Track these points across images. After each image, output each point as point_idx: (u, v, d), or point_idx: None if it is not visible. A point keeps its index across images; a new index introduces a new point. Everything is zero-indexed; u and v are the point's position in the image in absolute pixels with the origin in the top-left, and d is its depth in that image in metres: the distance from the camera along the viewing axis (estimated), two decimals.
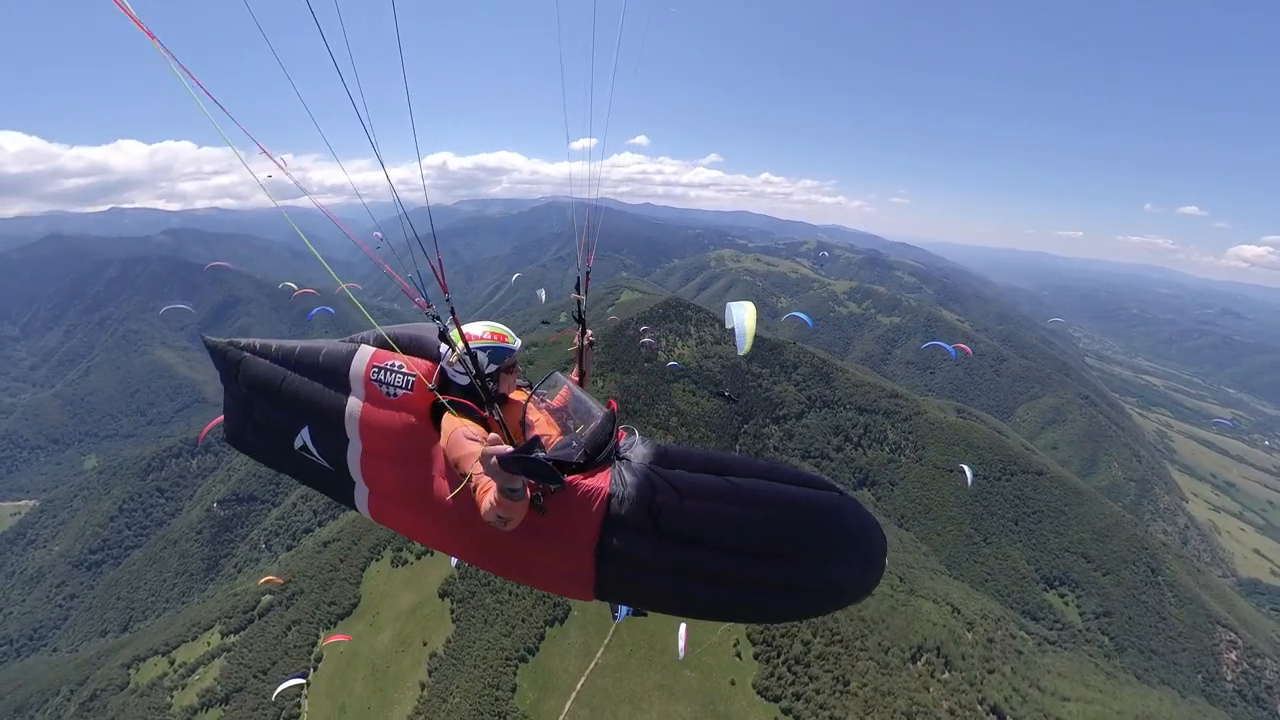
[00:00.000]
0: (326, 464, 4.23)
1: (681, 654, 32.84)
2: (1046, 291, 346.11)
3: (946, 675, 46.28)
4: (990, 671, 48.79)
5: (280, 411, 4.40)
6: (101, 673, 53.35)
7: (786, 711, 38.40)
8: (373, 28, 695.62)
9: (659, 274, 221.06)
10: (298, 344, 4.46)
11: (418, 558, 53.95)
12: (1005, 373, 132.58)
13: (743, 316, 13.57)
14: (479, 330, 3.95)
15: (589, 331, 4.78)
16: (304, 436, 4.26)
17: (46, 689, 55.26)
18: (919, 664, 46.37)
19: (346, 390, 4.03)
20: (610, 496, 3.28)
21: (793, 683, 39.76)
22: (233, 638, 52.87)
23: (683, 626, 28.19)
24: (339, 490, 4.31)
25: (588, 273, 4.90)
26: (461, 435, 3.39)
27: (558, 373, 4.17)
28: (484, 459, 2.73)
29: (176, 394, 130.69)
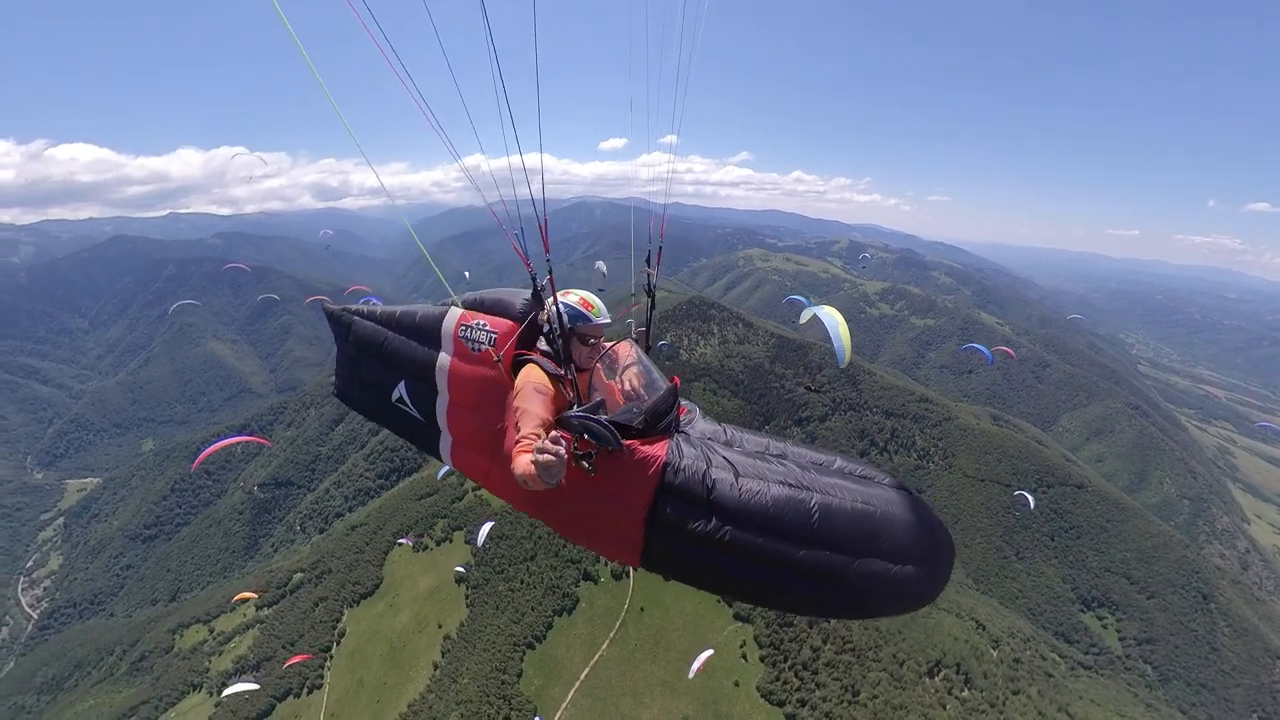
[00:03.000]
0: (418, 415, 4.61)
1: (691, 674, 31.98)
2: (1098, 295, 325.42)
3: (966, 693, 44.39)
4: (1015, 693, 46.47)
5: (381, 367, 4.83)
6: (150, 636, 57.62)
7: (790, 717, 37.78)
8: (403, 29, 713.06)
9: (686, 273, 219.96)
10: (399, 308, 4.90)
11: (437, 544, 55.81)
12: (1048, 379, 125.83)
13: (836, 328, 13.34)
14: (573, 298, 4.28)
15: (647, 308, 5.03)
16: (400, 390, 4.67)
17: (103, 649, 60.12)
18: (936, 679, 44.67)
19: (438, 347, 4.40)
20: (666, 465, 3.32)
21: (799, 688, 39.05)
22: (266, 611, 56.11)
23: (706, 653, 27.01)
24: (427, 440, 4.69)
25: (660, 249, 5.13)
26: (531, 388, 3.62)
27: (628, 341, 4.33)
28: (538, 451, 2.91)
29: (225, 384, 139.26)
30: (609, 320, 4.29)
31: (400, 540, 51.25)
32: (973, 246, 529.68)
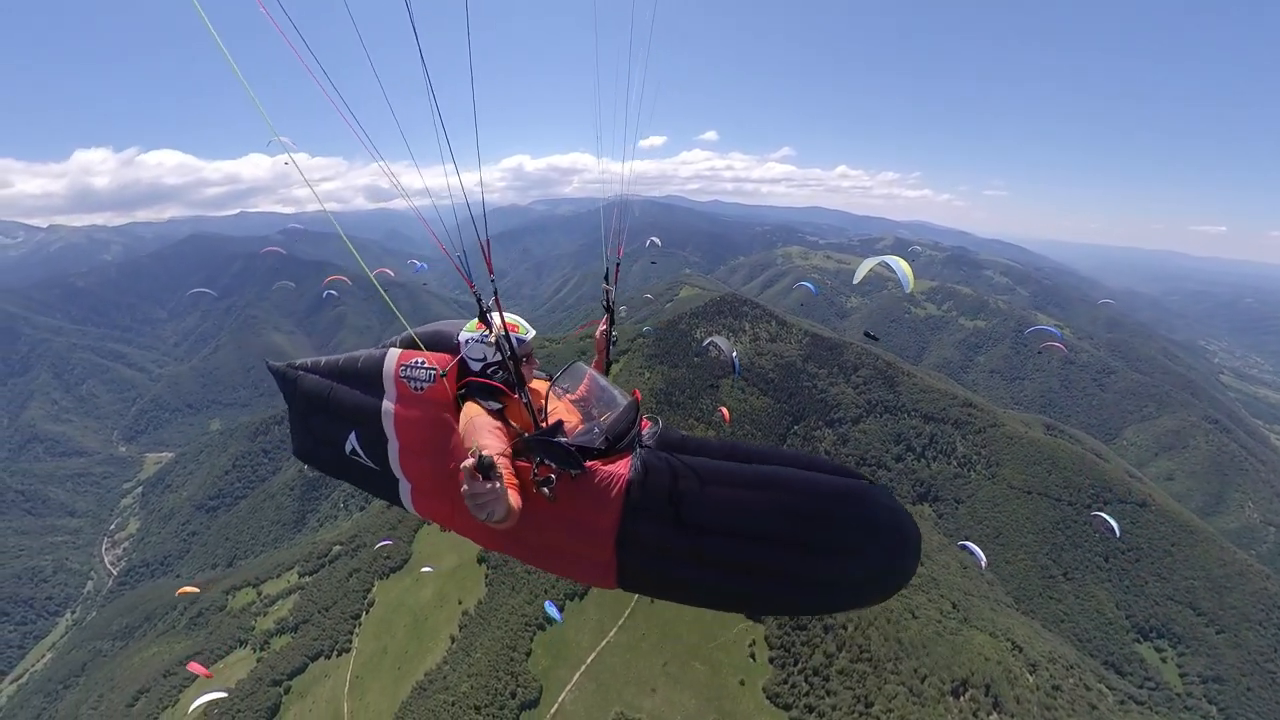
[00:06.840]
0: (373, 465, 4.42)
1: None
2: (1174, 297, 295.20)
3: (994, 717, 41.77)
4: None
5: (331, 421, 4.65)
6: (207, 596, 63.16)
7: None
8: (441, 35, 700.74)
9: (723, 271, 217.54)
10: (341, 356, 4.74)
11: None
12: (1111, 388, 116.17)
13: (896, 261, 14.71)
14: (494, 321, 4.06)
15: (609, 324, 4.96)
16: (352, 441, 4.47)
17: (167, 605, 66.42)
18: (961, 699, 42.17)
19: (381, 392, 4.22)
20: (630, 483, 3.27)
21: (807, 693, 38.00)
22: (307, 579, 60.37)
23: None
24: (387, 489, 4.48)
25: (617, 264, 5.06)
26: (477, 423, 3.53)
27: (580, 362, 4.22)
28: (465, 468, 2.73)
29: None
30: (534, 333, 4.23)
31: (381, 543, 53.47)
32: (1033, 244, 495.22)
